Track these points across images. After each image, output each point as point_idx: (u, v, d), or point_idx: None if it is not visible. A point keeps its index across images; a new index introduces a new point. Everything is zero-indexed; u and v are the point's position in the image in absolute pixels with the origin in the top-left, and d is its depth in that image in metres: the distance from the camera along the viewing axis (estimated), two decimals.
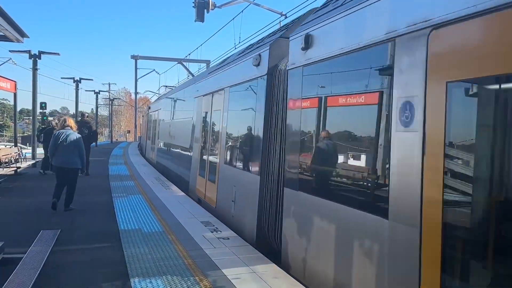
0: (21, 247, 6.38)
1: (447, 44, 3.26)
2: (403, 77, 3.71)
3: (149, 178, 15.36)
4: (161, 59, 42.88)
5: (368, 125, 4.41)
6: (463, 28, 3.14)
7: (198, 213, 9.08)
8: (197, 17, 15.72)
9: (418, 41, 3.54)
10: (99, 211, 9.38)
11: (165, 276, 5.27)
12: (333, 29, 5.07)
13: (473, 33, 3.07)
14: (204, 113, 11.49)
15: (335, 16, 5.00)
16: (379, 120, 4.13)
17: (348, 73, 4.73)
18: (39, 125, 21.61)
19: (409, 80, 3.63)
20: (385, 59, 4.01)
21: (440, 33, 3.32)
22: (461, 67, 3.11)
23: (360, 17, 4.50)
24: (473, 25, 3.06)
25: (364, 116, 4.53)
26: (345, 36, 4.76)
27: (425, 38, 3.47)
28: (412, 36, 3.62)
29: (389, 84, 3.92)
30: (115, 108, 72.78)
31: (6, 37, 12.76)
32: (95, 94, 50.31)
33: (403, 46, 3.70)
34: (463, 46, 3.14)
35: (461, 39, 3.16)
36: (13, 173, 15.08)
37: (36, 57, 20.91)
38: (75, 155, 9.34)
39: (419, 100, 3.48)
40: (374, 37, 4.16)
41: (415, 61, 3.56)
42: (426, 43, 3.43)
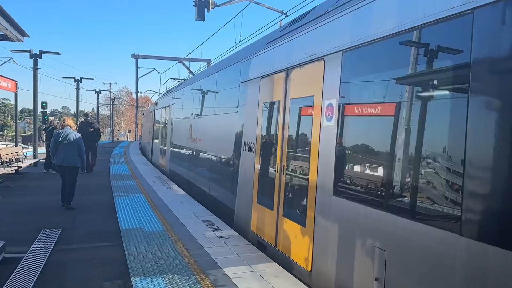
0: (22, 246, 6.39)
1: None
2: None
3: (150, 177, 15.36)
4: (162, 58, 42.85)
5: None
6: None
7: (199, 212, 9.08)
8: (198, 16, 15.71)
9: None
10: (100, 210, 9.39)
11: (166, 275, 5.27)
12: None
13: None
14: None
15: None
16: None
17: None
18: (40, 124, 21.62)
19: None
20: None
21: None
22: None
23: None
24: None
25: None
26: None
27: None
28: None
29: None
30: (116, 108, 72.85)
31: (7, 37, 12.77)
32: (96, 93, 50.30)
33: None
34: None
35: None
36: (14, 172, 15.10)
37: (37, 56, 20.88)
38: (74, 154, 9.57)
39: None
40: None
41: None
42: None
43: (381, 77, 4.28)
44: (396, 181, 3.94)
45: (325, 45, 5.28)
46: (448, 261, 3.27)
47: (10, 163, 15.45)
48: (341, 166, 4.82)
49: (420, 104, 3.78)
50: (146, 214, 8.82)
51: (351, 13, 4.82)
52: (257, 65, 7.78)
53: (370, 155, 4.41)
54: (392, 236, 3.86)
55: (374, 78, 4.43)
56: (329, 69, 5.13)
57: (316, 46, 5.55)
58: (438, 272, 3.35)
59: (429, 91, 3.76)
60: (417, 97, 3.81)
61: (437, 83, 3.63)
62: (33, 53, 20.84)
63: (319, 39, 5.53)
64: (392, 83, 4.07)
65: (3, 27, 11.33)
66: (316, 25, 5.69)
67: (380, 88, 4.32)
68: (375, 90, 4.43)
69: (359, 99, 4.64)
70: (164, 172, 17.51)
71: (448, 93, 3.49)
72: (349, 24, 4.83)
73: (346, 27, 4.87)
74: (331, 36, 5.20)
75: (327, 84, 5.15)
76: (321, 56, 5.34)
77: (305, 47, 5.87)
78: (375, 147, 4.39)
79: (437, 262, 3.36)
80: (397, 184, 3.93)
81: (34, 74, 20.81)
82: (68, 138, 9.54)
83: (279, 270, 5.52)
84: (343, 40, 4.88)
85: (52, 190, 12.12)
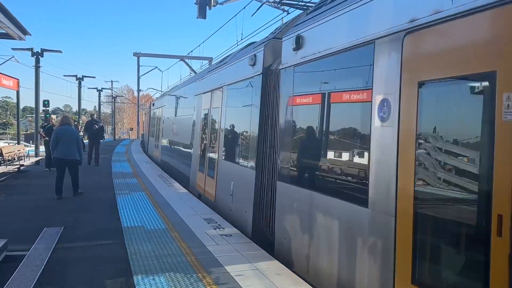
0: (25, 244, 6.40)
1: None
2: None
3: (152, 175, 15.37)
4: (163, 56, 42.95)
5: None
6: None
7: (201, 210, 9.08)
8: (199, 14, 15.67)
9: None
10: (102, 208, 9.40)
11: (168, 273, 5.27)
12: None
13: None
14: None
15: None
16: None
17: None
18: (42, 122, 21.63)
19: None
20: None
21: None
22: None
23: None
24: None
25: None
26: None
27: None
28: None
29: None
30: (117, 106, 72.94)
31: (9, 35, 12.74)
32: (97, 91, 50.36)
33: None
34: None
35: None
36: (16, 170, 15.12)
37: (38, 54, 20.92)
38: (73, 148, 10.49)
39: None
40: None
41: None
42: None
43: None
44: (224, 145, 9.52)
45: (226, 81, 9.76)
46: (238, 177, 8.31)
47: (12, 162, 15.48)
48: (224, 144, 9.46)
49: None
50: (147, 212, 8.83)
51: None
52: (199, 86, 12.77)
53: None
54: (235, 175, 8.44)
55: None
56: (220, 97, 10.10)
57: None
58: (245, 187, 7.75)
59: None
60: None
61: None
62: (34, 51, 20.89)
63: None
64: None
65: (4, 25, 11.32)
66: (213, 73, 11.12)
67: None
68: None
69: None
70: (156, 161, 21.63)
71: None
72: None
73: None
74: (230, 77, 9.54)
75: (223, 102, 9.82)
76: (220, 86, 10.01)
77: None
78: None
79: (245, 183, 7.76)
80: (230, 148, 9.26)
81: (36, 72, 20.85)
82: (68, 133, 10.43)
83: (281, 268, 5.52)
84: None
85: (54, 188, 12.13)
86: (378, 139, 4.00)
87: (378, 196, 3.95)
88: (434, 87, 3.42)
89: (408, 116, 3.57)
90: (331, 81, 5.13)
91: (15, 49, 21.96)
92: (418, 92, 3.48)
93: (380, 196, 3.91)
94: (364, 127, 4.30)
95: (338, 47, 4.78)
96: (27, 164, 16.82)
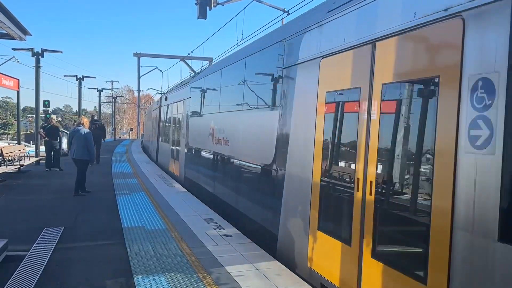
0: (25, 244, 6.41)
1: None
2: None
3: (152, 175, 15.37)
4: (163, 56, 42.98)
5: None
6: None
7: (201, 211, 9.09)
8: (200, 14, 15.66)
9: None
10: (103, 208, 9.41)
11: (168, 273, 5.28)
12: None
13: None
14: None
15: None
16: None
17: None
18: (42, 123, 21.66)
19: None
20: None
21: None
22: None
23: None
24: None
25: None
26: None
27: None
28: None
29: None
30: (118, 106, 72.96)
31: (9, 35, 12.78)
32: (98, 92, 50.32)
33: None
34: None
35: None
36: (16, 171, 15.13)
37: (39, 55, 20.90)
38: (83, 148, 10.88)
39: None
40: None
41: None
42: None
43: None
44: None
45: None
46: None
47: (13, 162, 15.48)
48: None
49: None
50: (148, 212, 8.83)
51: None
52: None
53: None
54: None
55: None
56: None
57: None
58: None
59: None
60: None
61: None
62: (35, 51, 20.86)
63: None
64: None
65: (5, 26, 11.33)
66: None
67: None
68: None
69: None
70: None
71: None
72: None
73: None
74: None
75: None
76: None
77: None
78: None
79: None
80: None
81: (36, 72, 20.84)
82: (78, 134, 10.92)
83: (281, 268, 5.52)
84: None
85: (54, 188, 12.16)
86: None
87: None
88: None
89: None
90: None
91: (16, 49, 21.94)
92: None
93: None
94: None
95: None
96: (27, 164, 16.82)
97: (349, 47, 4.83)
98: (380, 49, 4.30)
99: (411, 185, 3.83)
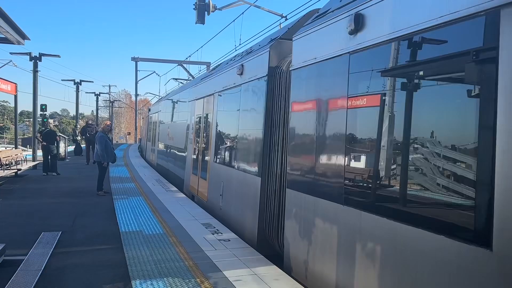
0: (22, 249, 6.39)
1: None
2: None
3: (150, 180, 15.35)
4: (161, 61, 42.97)
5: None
6: None
7: (199, 215, 9.08)
8: (198, 19, 15.73)
9: None
10: (100, 212, 9.39)
11: (166, 278, 5.27)
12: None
13: None
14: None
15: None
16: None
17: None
18: (39, 127, 21.63)
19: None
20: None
21: None
22: None
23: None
24: None
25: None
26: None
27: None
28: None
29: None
30: (115, 110, 72.81)
31: (7, 39, 12.75)
32: (95, 96, 50.29)
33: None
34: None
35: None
36: (13, 175, 15.08)
37: (36, 59, 20.89)
38: (97, 150, 11.97)
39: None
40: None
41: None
42: None
43: None
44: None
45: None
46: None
47: (10, 166, 15.44)
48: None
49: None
50: (145, 217, 8.82)
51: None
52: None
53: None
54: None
55: None
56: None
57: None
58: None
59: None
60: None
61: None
62: (33, 55, 20.86)
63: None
64: None
65: (4, 30, 11.33)
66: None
67: None
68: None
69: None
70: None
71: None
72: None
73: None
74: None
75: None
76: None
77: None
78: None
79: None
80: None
81: (34, 76, 20.82)
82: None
83: (279, 273, 5.52)
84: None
85: (51, 192, 12.14)
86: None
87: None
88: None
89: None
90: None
91: (14, 53, 22.01)
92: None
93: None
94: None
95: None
96: (25, 169, 16.77)
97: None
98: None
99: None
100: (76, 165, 21.00)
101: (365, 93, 4.43)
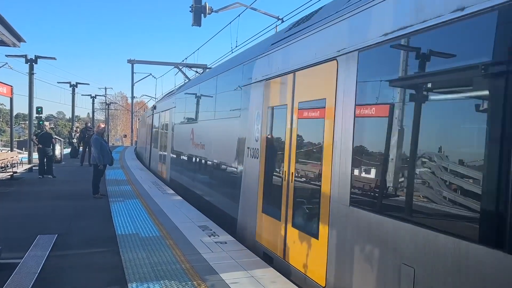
0: (18, 252, 6.36)
1: None
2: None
3: (146, 182, 15.33)
4: (157, 63, 42.89)
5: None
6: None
7: (195, 217, 9.08)
8: (194, 21, 15.74)
9: None
10: (96, 215, 9.36)
11: (163, 280, 5.26)
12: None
13: None
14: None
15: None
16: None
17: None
18: (35, 129, 21.56)
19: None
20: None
21: None
22: None
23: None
24: None
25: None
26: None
27: None
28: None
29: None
30: (111, 113, 72.76)
31: (3, 42, 12.75)
32: (91, 98, 50.13)
33: None
34: None
35: None
36: (9, 177, 15.01)
37: (32, 61, 20.83)
38: (93, 153, 12.03)
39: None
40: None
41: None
42: None
43: None
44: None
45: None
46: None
47: (5, 168, 15.37)
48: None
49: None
50: (142, 220, 8.81)
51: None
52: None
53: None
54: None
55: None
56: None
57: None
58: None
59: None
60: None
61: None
62: (28, 58, 20.80)
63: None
64: None
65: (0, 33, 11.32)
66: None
67: None
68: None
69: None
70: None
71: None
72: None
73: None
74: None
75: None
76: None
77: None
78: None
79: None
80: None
81: (29, 79, 20.76)
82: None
83: (276, 275, 5.53)
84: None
85: (47, 195, 12.10)
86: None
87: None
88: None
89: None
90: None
91: (9, 55, 21.88)
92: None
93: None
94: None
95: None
96: (20, 171, 16.71)
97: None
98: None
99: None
100: (72, 167, 20.94)
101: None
